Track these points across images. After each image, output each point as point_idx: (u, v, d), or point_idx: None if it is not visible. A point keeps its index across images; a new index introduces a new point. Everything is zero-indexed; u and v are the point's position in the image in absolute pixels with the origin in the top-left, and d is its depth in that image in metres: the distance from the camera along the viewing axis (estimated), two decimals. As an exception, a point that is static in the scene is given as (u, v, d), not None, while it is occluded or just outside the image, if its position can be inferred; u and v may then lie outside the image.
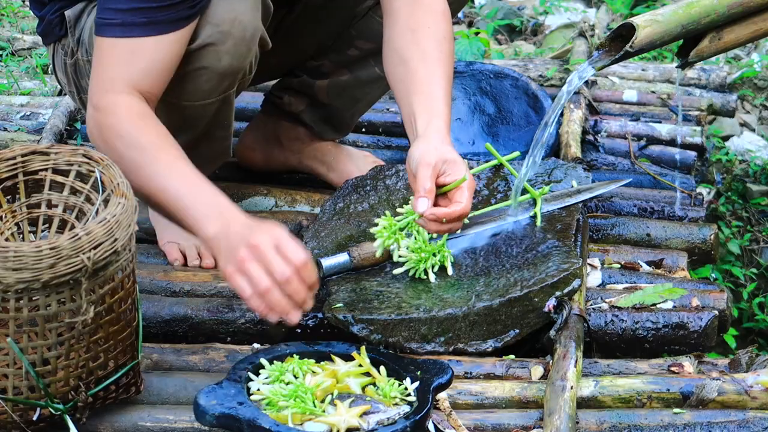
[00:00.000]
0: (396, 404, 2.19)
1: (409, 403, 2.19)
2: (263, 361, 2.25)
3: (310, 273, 2.27)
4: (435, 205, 2.53)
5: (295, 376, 2.23)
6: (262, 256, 2.25)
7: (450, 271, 2.68)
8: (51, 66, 2.96)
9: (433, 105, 2.62)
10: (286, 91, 3.21)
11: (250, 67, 2.69)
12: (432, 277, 2.66)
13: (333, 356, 2.32)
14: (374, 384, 2.24)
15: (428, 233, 2.64)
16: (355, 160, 3.24)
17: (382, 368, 2.27)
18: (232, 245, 2.28)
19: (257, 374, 2.26)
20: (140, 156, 2.42)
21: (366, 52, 3.06)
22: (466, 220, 2.72)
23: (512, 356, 2.59)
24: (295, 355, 2.28)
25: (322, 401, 2.18)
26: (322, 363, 2.29)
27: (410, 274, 2.67)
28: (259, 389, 2.20)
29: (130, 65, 2.49)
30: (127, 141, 2.44)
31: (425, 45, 2.67)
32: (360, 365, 2.29)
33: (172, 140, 2.46)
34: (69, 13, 2.79)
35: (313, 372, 2.25)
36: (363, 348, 2.32)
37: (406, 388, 2.21)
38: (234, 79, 2.69)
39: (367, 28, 3.03)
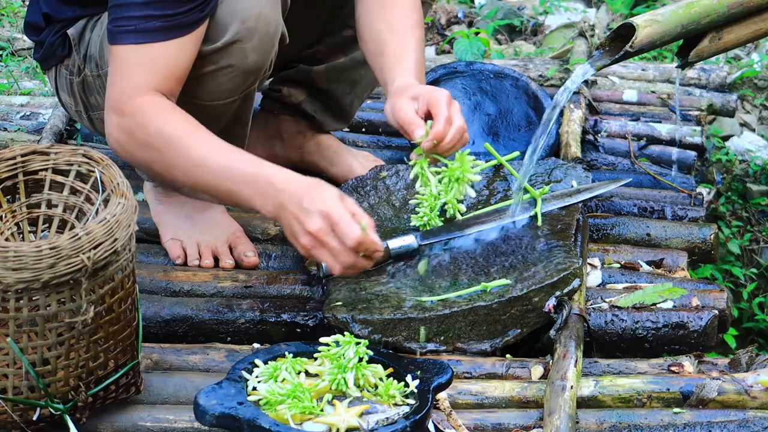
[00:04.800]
0: (396, 404, 2.19)
1: (409, 404, 2.18)
2: (258, 361, 2.24)
3: (369, 242, 2.41)
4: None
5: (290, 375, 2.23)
6: (323, 242, 2.39)
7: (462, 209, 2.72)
8: (53, 89, 2.95)
9: (396, 66, 2.73)
10: (285, 83, 3.22)
11: (270, 63, 2.69)
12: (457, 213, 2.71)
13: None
14: (375, 386, 2.23)
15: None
16: (356, 157, 3.25)
17: (379, 366, 2.26)
18: (291, 228, 2.40)
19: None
20: (174, 148, 2.44)
21: None
22: (458, 217, 2.72)
23: (511, 356, 2.59)
24: (288, 354, 2.27)
25: (320, 400, 2.18)
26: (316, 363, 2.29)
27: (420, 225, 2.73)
28: (255, 388, 2.20)
29: (152, 70, 2.49)
30: (158, 136, 2.45)
31: (393, 17, 2.78)
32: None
33: (199, 125, 2.48)
34: (72, 32, 2.79)
35: (307, 372, 2.24)
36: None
37: (407, 385, 2.20)
38: (257, 76, 2.69)
39: None
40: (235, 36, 2.57)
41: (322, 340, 2.27)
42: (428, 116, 2.60)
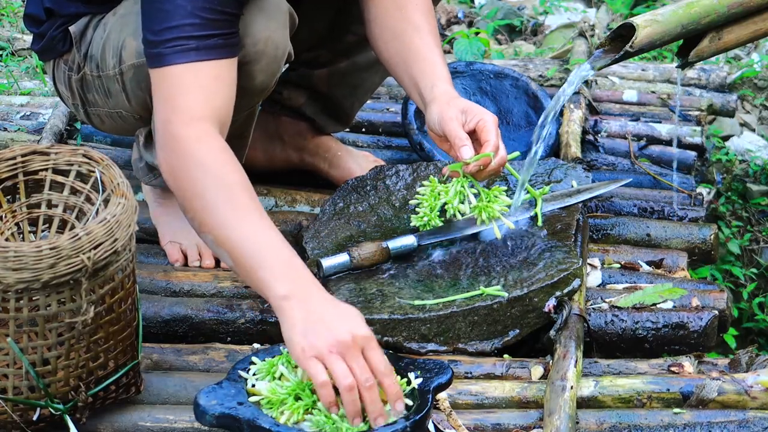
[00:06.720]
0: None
1: (409, 403, 2.18)
2: (255, 358, 2.25)
3: (394, 384, 2.13)
4: None
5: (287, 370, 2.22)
6: (349, 355, 2.12)
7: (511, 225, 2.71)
8: (51, 79, 2.94)
9: (435, 70, 2.72)
10: (285, 86, 3.22)
11: (275, 82, 2.70)
12: (497, 232, 2.67)
13: None
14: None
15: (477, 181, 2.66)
16: (356, 159, 3.25)
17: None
18: (314, 327, 2.14)
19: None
20: (224, 195, 2.31)
21: (363, 36, 3.07)
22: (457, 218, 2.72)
23: (511, 356, 2.59)
24: (284, 350, 2.26)
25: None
26: None
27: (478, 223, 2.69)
28: (254, 386, 2.20)
29: (213, 91, 2.42)
30: (213, 173, 2.33)
31: (416, 19, 2.78)
32: None
33: (250, 185, 2.36)
34: (73, 29, 2.78)
35: None
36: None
37: (409, 382, 2.20)
38: (262, 96, 2.71)
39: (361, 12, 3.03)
40: (244, 58, 2.57)
41: None
42: (472, 133, 2.60)
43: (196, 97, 2.41)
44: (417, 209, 2.76)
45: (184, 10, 2.40)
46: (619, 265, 2.90)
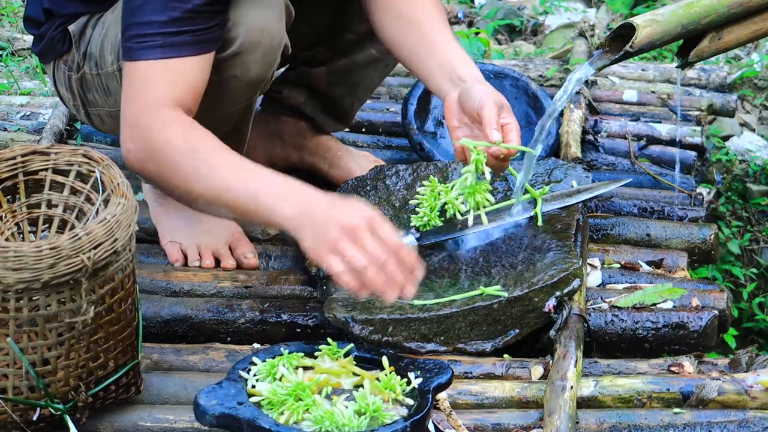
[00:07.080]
0: (396, 400, 2.19)
1: (409, 404, 2.18)
2: (255, 359, 2.25)
3: (408, 255, 2.21)
4: None
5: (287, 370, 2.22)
6: (357, 237, 2.19)
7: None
8: (51, 82, 2.94)
9: (462, 54, 2.73)
10: (285, 85, 3.22)
11: (272, 75, 2.70)
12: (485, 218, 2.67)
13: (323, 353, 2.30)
14: (377, 379, 2.23)
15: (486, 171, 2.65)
16: (356, 159, 3.25)
17: (384, 358, 2.26)
18: (321, 225, 2.22)
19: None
20: (200, 160, 2.37)
21: (362, 34, 3.07)
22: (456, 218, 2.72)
23: (511, 356, 2.59)
24: (285, 350, 2.27)
25: (319, 393, 2.18)
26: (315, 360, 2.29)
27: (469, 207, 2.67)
28: (254, 386, 2.20)
29: (176, 85, 2.45)
30: (184, 148, 2.38)
31: (427, 8, 2.78)
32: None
33: (219, 141, 2.42)
34: (73, 28, 2.79)
35: (305, 367, 2.24)
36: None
37: (409, 382, 2.20)
38: (258, 88, 2.70)
39: (360, 9, 3.03)
40: (239, 48, 2.57)
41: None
42: None
43: (160, 92, 2.44)
44: (417, 209, 2.76)
45: (155, 6, 2.43)
46: (619, 265, 2.90)
